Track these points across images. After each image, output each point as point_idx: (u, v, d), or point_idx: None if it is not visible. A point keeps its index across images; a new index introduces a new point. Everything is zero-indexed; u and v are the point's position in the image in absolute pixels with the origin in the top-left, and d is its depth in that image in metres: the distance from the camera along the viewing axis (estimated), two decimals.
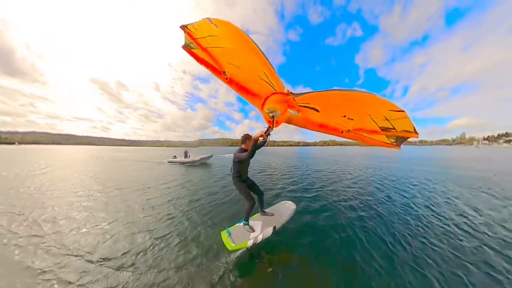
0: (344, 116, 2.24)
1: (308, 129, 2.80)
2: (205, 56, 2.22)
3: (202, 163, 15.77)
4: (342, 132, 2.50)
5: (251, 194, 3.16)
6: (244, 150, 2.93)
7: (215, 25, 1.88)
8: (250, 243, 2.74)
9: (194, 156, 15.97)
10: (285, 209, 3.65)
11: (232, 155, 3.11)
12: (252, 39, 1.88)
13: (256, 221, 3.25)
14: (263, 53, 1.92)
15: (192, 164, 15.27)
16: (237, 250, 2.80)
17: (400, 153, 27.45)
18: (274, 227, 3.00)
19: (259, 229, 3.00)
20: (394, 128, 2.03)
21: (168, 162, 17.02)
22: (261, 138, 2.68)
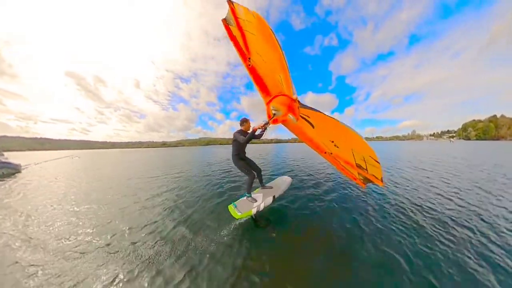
0: (332, 142, 2.60)
1: (298, 137, 3.17)
2: (238, 36, 2.36)
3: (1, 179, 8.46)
4: (325, 152, 2.87)
5: (251, 169, 3.46)
6: (243, 131, 3.22)
7: (253, 14, 2.02)
8: (254, 211, 3.07)
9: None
10: (282, 182, 4.13)
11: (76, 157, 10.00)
12: (279, 43, 1.97)
13: (257, 194, 3.63)
14: (285, 59, 2.06)
15: None
16: (243, 218, 3.11)
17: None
18: (274, 196, 3.38)
19: (260, 199, 3.35)
20: (366, 169, 2.42)
21: None
22: (259, 130, 2.90)
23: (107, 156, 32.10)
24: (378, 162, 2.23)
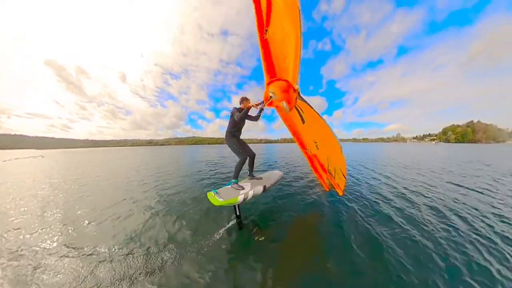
0: (315, 143, 2.78)
1: (287, 127, 3.26)
2: (263, 1, 2.22)
3: None
4: (305, 149, 3.06)
5: (243, 150, 3.14)
6: (241, 109, 3.06)
7: None
8: (240, 198, 2.63)
9: None
10: (273, 175, 3.81)
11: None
12: (301, 21, 1.88)
13: (245, 183, 3.20)
14: (300, 50, 1.99)
15: None
16: (225, 205, 2.62)
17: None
18: (265, 186, 3.04)
19: (249, 187, 2.95)
20: (333, 177, 2.78)
21: None
22: (255, 111, 2.89)
23: (78, 155, 29.63)
24: (345, 177, 2.58)
